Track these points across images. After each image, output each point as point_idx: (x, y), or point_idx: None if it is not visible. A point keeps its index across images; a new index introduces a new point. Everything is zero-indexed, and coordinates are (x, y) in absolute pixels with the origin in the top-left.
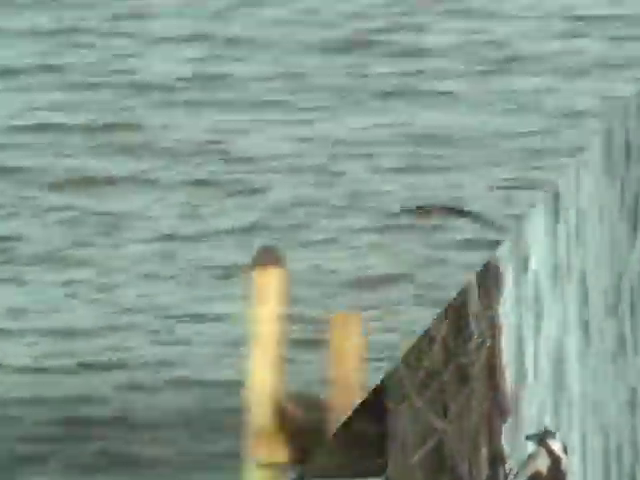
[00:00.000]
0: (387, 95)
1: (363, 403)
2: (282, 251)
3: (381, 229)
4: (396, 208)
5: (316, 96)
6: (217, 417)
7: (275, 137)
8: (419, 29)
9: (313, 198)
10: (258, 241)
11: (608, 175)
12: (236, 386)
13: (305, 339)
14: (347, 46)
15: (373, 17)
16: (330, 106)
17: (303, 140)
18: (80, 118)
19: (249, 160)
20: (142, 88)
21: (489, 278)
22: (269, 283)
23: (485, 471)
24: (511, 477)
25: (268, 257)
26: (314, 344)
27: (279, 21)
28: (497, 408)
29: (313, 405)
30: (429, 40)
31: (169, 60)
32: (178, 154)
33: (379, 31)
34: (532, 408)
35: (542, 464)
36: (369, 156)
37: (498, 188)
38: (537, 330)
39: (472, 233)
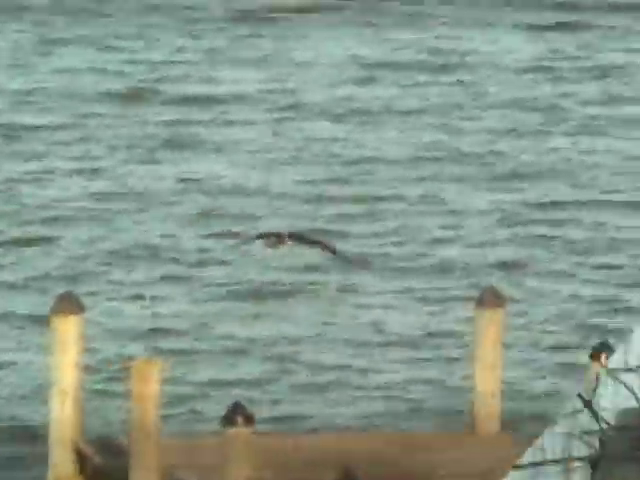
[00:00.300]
0: (175, 145)
1: None
2: (80, 299)
3: (177, 280)
4: (191, 258)
5: (106, 145)
6: (16, 463)
7: (67, 186)
8: (209, 79)
9: (108, 248)
10: (54, 290)
11: None
12: (36, 432)
13: (104, 386)
14: (135, 96)
15: (162, 67)
16: (120, 155)
17: (95, 189)
18: None
19: (41, 209)
20: None
21: None
22: (69, 330)
23: None
24: None
25: (67, 305)
26: (113, 391)
27: (69, 71)
28: None
29: (113, 450)
30: (218, 89)
31: None
32: None
33: (168, 81)
34: None
35: None
36: (164, 204)
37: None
38: None
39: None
